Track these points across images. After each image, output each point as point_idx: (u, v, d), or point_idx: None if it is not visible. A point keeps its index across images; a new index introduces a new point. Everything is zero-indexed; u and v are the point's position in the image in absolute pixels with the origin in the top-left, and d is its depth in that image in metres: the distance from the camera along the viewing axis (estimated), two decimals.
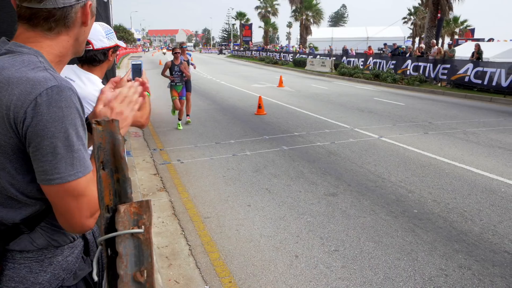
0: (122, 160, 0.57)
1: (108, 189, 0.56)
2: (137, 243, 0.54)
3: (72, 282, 1.19)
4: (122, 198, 0.57)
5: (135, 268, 0.53)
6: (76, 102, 1.02)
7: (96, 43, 1.99)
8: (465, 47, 25.23)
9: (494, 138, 8.08)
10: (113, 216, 0.55)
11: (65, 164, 0.98)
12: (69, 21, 1.09)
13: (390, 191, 5.09)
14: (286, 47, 47.87)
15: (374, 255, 3.58)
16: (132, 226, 0.55)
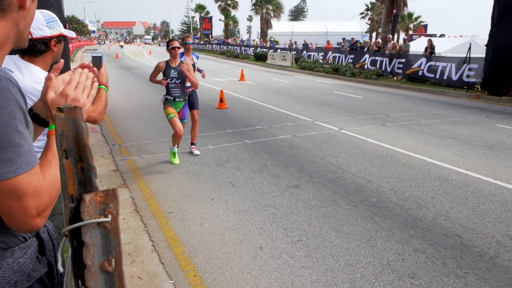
0: (86, 148, 0.55)
1: (72, 178, 0.54)
2: (104, 232, 0.53)
3: (26, 285, 1.12)
4: (87, 187, 0.55)
5: (103, 258, 0.52)
6: (15, 93, 0.93)
7: (35, 32, 1.88)
8: (419, 42, 26.29)
9: (445, 129, 8.51)
10: (78, 206, 0.53)
11: (2, 160, 0.89)
12: (3, 3, 1.02)
13: (350, 182, 5.25)
14: (247, 40, 47.84)
15: (335, 243, 3.69)
16: (98, 215, 0.54)
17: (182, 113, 5.69)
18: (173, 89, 5.44)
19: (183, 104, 5.61)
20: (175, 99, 5.49)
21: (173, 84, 5.41)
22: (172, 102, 5.51)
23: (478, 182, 5.29)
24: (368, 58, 20.46)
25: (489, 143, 7.36)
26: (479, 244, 3.65)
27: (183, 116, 5.71)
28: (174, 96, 5.46)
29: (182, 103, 5.59)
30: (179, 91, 5.47)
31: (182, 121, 5.65)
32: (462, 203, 4.59)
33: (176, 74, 5.37)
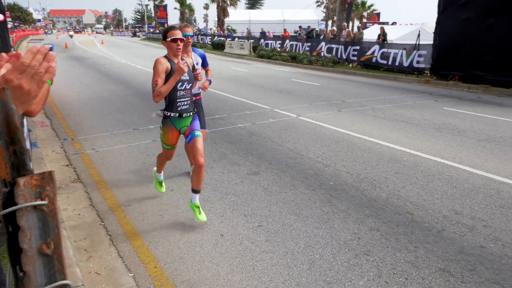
0: (18, 130, 0.53)
1: (4, 162, 0.52)
2: (41, 216, 0.52)
3: None
4: (21, 171, 0.53)
5: (40, 241, 0.51)
6: None
7: None
8: (372, 30, 27.06)
9: (397, 113, 8.87)
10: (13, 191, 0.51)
11: None
12: None
13: (309, 167, 5.36)
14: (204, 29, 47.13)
15: (295, 226, 3.77)
16: (35, 198, 0.52)
17: (190, 129, 3.76)
18: (180, 100, 3.63)
19: (190, 120, 3.76)
20: (181, 115, 3.65)
21: (182, 92, 3.62)
22: (177, 121, 3.67)
23: (427, 162, 5.58)
24: (324, 46, 20.80)
25: (437, 125, 7.75)
26: (428, 220, 3.87)
27: (193, 127, 3.76)
28: (180, 110, 3.64)
29: (191, 118, 3.76)
30: (188, 101, 3.68)
31: (194, 133, 3.72)
32: (413, 182, 4.83)
33: (186, 74, 3.60)
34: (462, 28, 13.62)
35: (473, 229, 3.70)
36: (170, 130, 3.72)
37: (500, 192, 4.55)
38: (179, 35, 3.53)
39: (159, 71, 3.47)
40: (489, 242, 3.48)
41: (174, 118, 3.67)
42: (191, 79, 3.69)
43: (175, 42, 3.51)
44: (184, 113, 3.69)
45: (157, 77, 3.47)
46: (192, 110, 3.76)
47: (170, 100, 3.63)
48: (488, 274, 3.02)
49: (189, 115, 3.72)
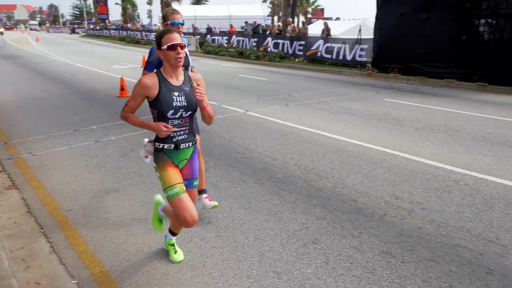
0: None
1: None
2: None
3: None
4: None
5: None
6: None
7: None
8: (316, 25, 27.73)
9: (342, 105, 9.17)
10: None
11: None
12: None
13: (257, 161, 5.40)
14: (148, 25, 45.82)
15: (244, 220, 3.79)
16: None
17: (191, 168, 2.91)
18: (177, 130, 2.71)
19: (192, 151, 2.88)
20: (178, 147, 2.76)
21: (177, 121, 2.69)
22: (174, 154, 2.78)
23: (370, 151, 5.82)
24: (271, 41, 21.01)
25: (378, 116, 8.11)
26: (371, 206, 4.05)
27: (192, 175, 2.92)
28: (177, 141, 2.75)
29: (191, 150, 2.86)
30: (186, 130, 2.76)
31: (192, 183, 2.93)
32: (357, 171, 5.02)
33: (183, 99, 2.65)
34: (399, 23, 14.33)
35: (412, 212, 3.92)
36: (166, 164, 2.75)
37: (436, 176, 4.85)
38: (178, 39, 2.58)
39: (135, 94, 2.65)
40: (426, 223, 3.70)
41: (168, 151, 2.75)
42: (190, 105, 2.66)
43: (173, 49, 2.57)
44: (182, 144, 2.75)
45: (131, 99, 2.69)
46: (193, 138, 2.81)
47: None
48: (425, 253, 3.22)
49: (188, 145, 2.79)
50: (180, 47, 2.58)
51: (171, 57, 2.59)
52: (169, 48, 2.57)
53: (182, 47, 2.59)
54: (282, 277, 2.93)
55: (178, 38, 2.59)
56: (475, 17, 12.68)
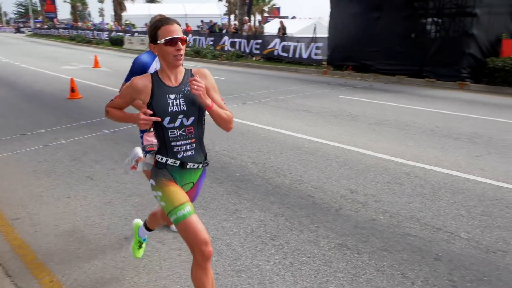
0: None
1: None
2: None
3: None
4: None
5: None
6: None
7: None
8: (273, 24, 27.95)
9: (299, 103, 9.31)
10: None
11: None
12: None
13: (215, 160, 5.37)
14: (100, 24, 44.29)
15: (203, 220, 3.70)
16: None
17: (193, 194, 2.47)
18: (178, 142, 2.20)
19: (199, 175, 2.38)
20: (184, 165, 2.24)
21: (178, 132, 2.18)
22: (178, 173, 2.26)
23: (326, 147, 5.95)
24: (227, 40, 20.95)
25: (334, 113, 8.32)
26: (327, 200, 4.14)
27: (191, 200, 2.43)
28: (182, 158, 2.23)
29: (199, 173, 2.36)
30: (193, 143, 2.25)
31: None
32: (314, 167, 5.12)
33: (182, 102, 2.17)
34: (352, 22, 14.76)
35: (366, 204, 4.05)
36: (168, 181, 2.20)
37: (388, 169, 5.04)
38: (178, 32, 2.09)
39: (123, 92, 2.28)
40: (379, 214, 3.84)
41: (172, 167, 2.22)
42: (190, 109, 2.16)
43: (173, 44, 2.07)
44: (189, 162, 2.23)
45: (118, 96, 2.32)
46: (203, 160, 2.29)
47: (160, 140, 2.22)
48: (379, 243, 3.33)
49: (197, 167, 2.26)
50: (181, 42, 2.09)
51: (169, 53, 2.10)
52: (168, 43, 2.07)
53: (183, 41, 2.10)
54: (241, 275, 2.93)
55: (178, 30, 2.11)
56: (423, 16, 13.29)
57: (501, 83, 11.40)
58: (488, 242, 3.35)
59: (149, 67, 3.17)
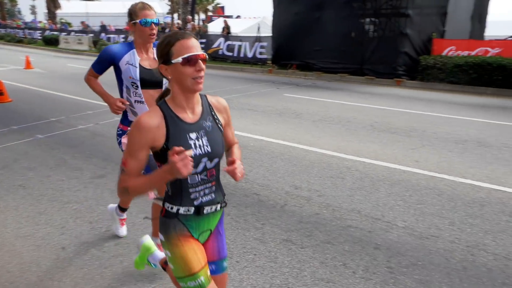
0: None
1: None
2: None
3: None
4: None
5: None
6: None
7: None
8: (217, 23, 27.80)
9: (244, 102, 9.34)
10: None
11: None
12: None
13: None
14: (32, 22, 41.59)
15: (146, 225, 3.63)
16: None
17: (217, 243, 1.89)
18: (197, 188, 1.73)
19: (219, 218, 1.89)
20: (200, 211, 1.75)
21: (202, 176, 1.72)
22: (193, 222, 1.77)
23: (271, 145, 6.02)
24: None
25: (279, 111, 8.44)
26: (273, 197, 4.19)
27: (219, 253, 1.89)
28: (200, 204, 1.74)
29: (218, 216, 1.88)
30: (213, 186, 1.78)
31: (222, 265, 1.90)
32: (259, 165, 5.15)
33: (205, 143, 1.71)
34: (294, 21, 15.06)
35: (310, 199, 4.15)
36: (182, 235, 1.75)
37: (331, 164, 5.20)
38: (197, 48, 1.63)
39: (134, 147, 1.61)
40: (322, 209, 3.94)
41: (185, 216, 1.75)
42: (215, 150, 1.72)
43: (192, 64, 1.61)
44: (207, 207, 1.77)
45: (128, 157, 1.62)
46: (221, 199, 1.84)
47: (174, 188, 1.73)
48: (322, 236, 3.42)
49: (215, 209, 1.80)
50: (202, 60, 1.63)
51: (188, 76, 1.60)
52: (186, 62, 1.59)
53: (204, 60, 1.63)
54: None
55: (197, 46, 1.64)
56: (361, 17, 13.87)
57: (433, 80, 12.20)
58: (422, 229, 3.56)
59: (120, 59, 2.74)
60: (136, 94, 2.77)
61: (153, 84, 2.75)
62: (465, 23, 14.25)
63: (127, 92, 2.81)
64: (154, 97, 2.63)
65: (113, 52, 2.78)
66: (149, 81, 2.73)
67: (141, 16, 2.70)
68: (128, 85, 2.78)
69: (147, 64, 2.76)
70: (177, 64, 1.61)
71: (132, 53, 2.77)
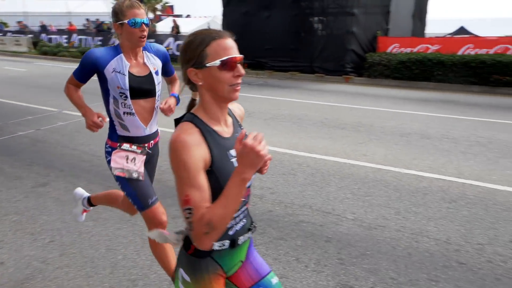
0: None
1: None
2: None
3: None
4: None
5: None
6: None
7: None
8: (166, 23, 27.32)
9: None
10: None
11: None
12: None
13: (106, 167, 4.98)
14: None
15: (94, 233, 3.49)
16: None
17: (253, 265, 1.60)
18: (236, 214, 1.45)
19: (248, 245, 1.61)
20: (235, 243, 1.46)
21: None
22: (227, 257, 1.48)
23: None
24: (117, 40, 19.86)
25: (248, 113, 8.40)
26: None
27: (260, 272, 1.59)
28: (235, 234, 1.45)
29: (247, 244, 1.60)
30: (246, 209, 1.53)
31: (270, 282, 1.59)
32: None
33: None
34: (244, 21, 15.09)
35: (263, 197, 4.17)
36: (216, 280, 1.46)
37: (282, 162, 5.26)
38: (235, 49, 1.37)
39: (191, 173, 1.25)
40: (275, 206, 3.98)
41: (219, 252, 1.46)
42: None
43: (231, 68, 1.34)
44: (240, 236, 1.49)
45: (187, 189, 1.24)
46: (251, 223, 1.58)
47: None
48: (275, 233, 3.45)
49: (247, 237, 1.54)
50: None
51: (224, 82, 1.34)
52: (224, 66, 1.33)
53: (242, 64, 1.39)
54: (137, 284, 2.79)
55: (235, 48, 1.38)
56: (309, 15, 14.16)
57: (379, 76, 12.72)
58: (370, 220, 3.70)
59: (105, 66, 2.35)
60: (125, 105, 2.38)
61: (144, 93, 2.40)
62: (407, 21, 14.99)
63: (114, 103, 2.40)
64: (145, 108, 2.44)
65: (95, 57, 2.35)
66: (139, 91, 2.38)
67: (129, 16, 2.31)
68: (116, 96, 2.37)
69: (137, 71, 2.40)
70: (212, 68, 1.33)
71: (120, 58, 2.38)
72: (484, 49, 12.14)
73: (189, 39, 1.40)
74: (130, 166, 2.45)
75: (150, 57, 2.51)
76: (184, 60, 1.41)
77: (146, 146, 2.53)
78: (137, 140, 2.49)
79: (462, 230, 3.51)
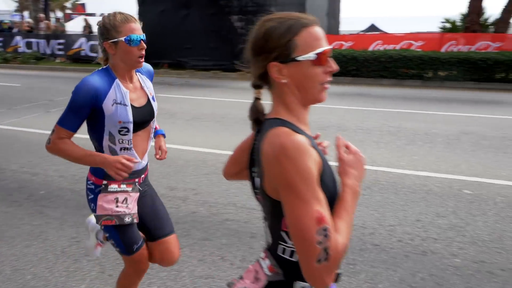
0: None
1: None
2: None
3: None
4: None
5: None
6: None
7: None
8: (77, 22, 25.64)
9: None
10: None
11: None
12: None
13: (12, 180, 4.59)
14: None
15: None
16: None
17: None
18: None
19: None
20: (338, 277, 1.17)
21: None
22: None
23: None
24: (21, 41, 18.17)
25: None
26: None
27: None
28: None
29: None
30: None
31: None
32: None
33: None
34: (161, 20, 14.66)
35: (186, 199, 4.09)
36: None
37: (206, 162, 5.21)
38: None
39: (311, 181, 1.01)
40: (199, 206, 3.92)
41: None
42: None
43: (324, 61, 1.14)
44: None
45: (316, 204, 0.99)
46: None
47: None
48: (200, 234, 3.41)
49: None
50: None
51: (316, 80, 1.14)
52: (319, 60, 1.12)
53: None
54: None
55: (325, 38, 1.16)
56: (228, 14, 14.19)
57: None
58: None
59: (104, 98, 1.89)
60: (122, 141, 1.96)
61: (144, 123, 2.05)
62: (322, 19, 15.72)
63: (109, 139, 1.96)
64: (143, 139, 2.08)
65: (95, 89, 1.86)
66: (141, 122, 2.01)
67: (125, 32, 1.89)
68: (113, 131, 1.94)
69: (136, 99, 2.00)
70: (304, 63, 1.09)
71: (117, 85, 1.94)
72: (391, 45, 13.18)
73: (270, 24, 1.11)
74: (121, 210, 2.00)
75: (144, 79, 2.12)
76: (259, 51, 1.12)
77: (136, 182, 2.12)
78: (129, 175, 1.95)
79: (376, 214, 3.76)
